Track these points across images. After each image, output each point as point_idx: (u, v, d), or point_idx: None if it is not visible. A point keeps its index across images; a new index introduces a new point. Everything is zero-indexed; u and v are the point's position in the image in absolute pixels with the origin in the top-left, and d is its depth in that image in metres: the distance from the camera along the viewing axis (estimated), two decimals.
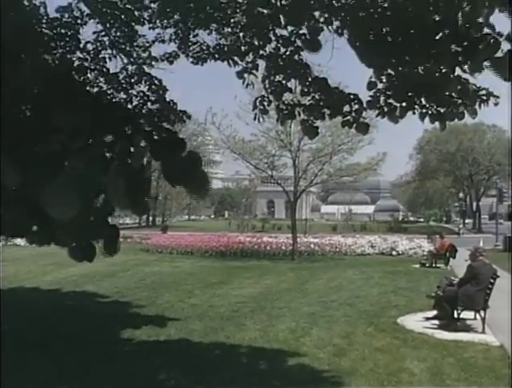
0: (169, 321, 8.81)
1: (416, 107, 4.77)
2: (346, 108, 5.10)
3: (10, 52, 2.82)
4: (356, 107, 5.08)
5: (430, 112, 4.72)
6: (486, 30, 3.81)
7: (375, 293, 11.99)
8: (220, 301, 10.81)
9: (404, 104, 4.78)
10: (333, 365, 6.28)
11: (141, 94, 7.27)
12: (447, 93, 4.56)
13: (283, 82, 5.38)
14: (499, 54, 3.69)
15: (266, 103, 5.55)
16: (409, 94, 4.67)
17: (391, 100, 4.81)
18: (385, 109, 4.86)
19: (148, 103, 7.16)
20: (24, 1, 5.21)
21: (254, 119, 5.56)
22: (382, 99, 4.86)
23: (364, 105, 5.04)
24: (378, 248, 23.57)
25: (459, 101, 4.55)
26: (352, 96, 5.12)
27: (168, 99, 7.36)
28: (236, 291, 12.36)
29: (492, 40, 3.68)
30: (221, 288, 12.92)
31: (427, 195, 66.64)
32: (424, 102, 4.72)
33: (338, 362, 6.40)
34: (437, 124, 4.86)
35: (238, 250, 22.28)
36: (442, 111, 4.67)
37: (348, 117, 5.17)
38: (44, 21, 6.01)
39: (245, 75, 5.72)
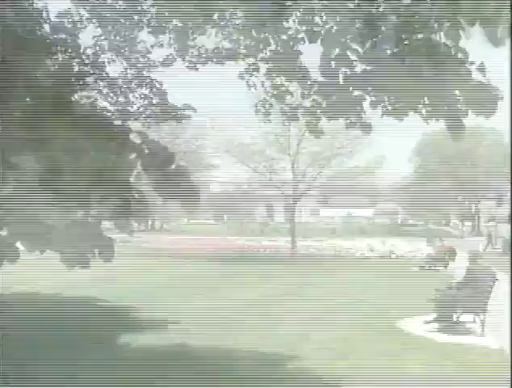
0: (168, 325, 8.81)
1: (419, 106, 4.75)
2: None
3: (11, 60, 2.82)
4: (358, 108, 5.07)
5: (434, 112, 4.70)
6: (460, 56, 3.80)
7: (375, 296, 11.98)
8: (219, 305, 10.80)
9: (408, 102, 4.76)
10: (333, 369, 6.29)
11: (143, 95, 7.31)
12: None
13: (284, 84, 5.39)
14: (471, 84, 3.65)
15: (267, 106, 5.56)
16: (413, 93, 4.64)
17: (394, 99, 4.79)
18: (389, 108, 4.84)
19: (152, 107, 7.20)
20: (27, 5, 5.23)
21: (259, 123, 5.61)
22: (386, 98, 4.83)
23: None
24: (377, 251, 23.59)
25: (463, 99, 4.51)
26: (354, 97, 5.10)
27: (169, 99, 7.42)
28: (235, 295, 12.34)
29: (463, 69, 3.64)
30: (221, 291, 12.90)
31: (426, 198, 66.59)
32: (427, 101, 4.70)
33: (338, 366, 6.40)
34: (436, 126, 4.85)
35: (237, 254, 22.28)
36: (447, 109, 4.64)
37: (351, 118, 5.17)
38: (45, 26, 6.03)
39: (246, 77, 5.73)
